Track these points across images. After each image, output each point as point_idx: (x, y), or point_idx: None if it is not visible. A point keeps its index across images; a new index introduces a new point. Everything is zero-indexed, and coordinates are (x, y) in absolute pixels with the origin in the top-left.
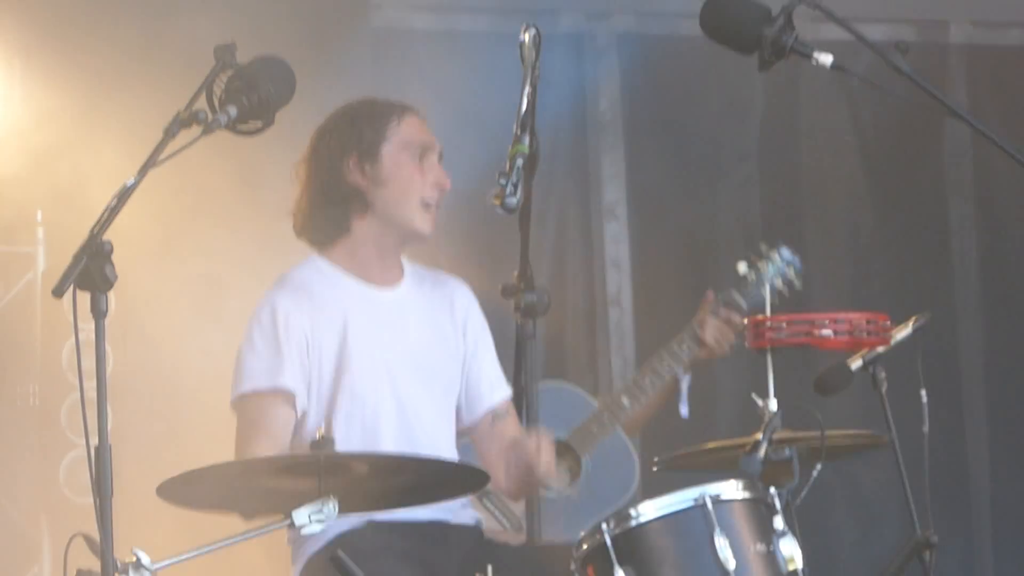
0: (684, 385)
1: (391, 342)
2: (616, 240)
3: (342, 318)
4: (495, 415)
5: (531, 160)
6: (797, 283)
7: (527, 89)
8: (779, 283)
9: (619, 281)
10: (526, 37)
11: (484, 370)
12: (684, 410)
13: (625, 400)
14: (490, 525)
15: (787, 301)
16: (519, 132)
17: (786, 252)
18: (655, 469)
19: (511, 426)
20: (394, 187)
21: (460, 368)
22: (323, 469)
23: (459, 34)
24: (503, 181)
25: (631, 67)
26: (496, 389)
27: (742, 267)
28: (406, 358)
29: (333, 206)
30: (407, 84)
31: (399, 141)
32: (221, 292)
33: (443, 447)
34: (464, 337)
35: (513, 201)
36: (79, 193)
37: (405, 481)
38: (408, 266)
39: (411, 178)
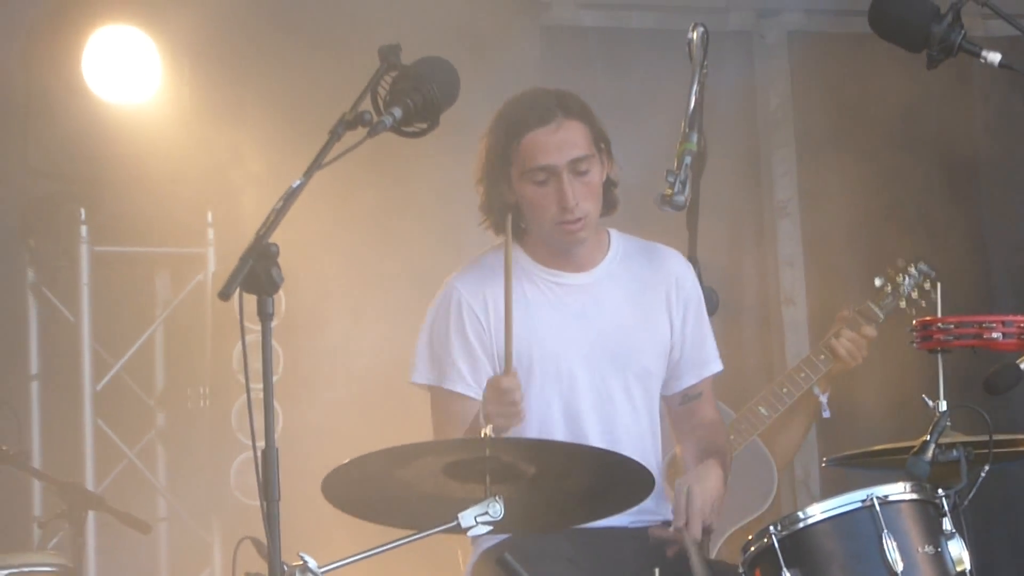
0: (824, 400)
1: (582, 329)
2: (789, 238)
3: (524, 306)
4: (685, 395)
5: (699, 158)
6: (934, 294)
7: (695, 87)
8: (915, 295)
9: (793, 279)
10: (694, 35)
11: (685, 348)
12: (826, 414)
13: (763, 409)
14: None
15: (971, 301)
16: (687, 130)
17: (923, 265)
18: (823, 465)
19: (701, 408)
20: (527, 210)
21: (667, 344)
22: (489, 467)
23: (628, 32)
24: (671, 179)
25: (801, 64)
26: (691, 370)
27: (878, 280)
28: (598, 344)
29: (502, 210)
30: (576, 82)
31: (518, 168)
32: (397, 295)
33: (643, 436)
34: (670, 313)
35: (681, 199)
36: (249, 194)
37: (574, 484)
38: (617, 241)
39: (535, 204)
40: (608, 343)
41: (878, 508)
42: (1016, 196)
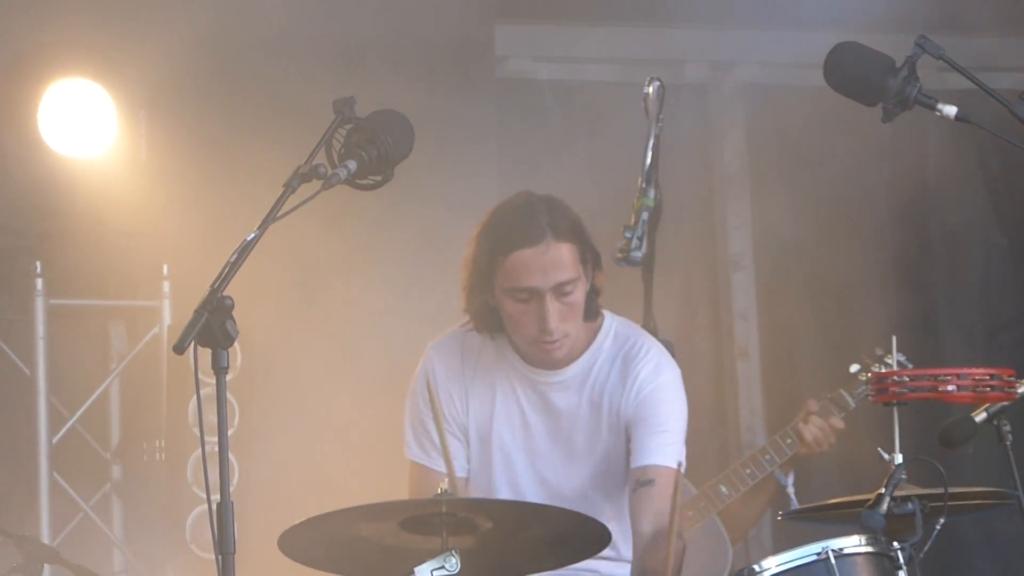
0: (789, 484)
1: (539, 423)
2: (743, 291)
3: (491, 389)
4: (637, 482)
5: (656, 212)
6: None
7: (651, 141)
8: None
9: (747, 332)
10: (650, 89)
11: (640, 440)
12: (794, 503)
13: (724, 488)
14: None
15: (923, 353)
16: (644, 185)
17: (901, 356)
18: (779, 519)
19: (651, 496)
20: (507, 322)
21: (622, 449)
22: (446, 521)
23: (584, 84)
24: (628, 235)
25: (756, 117)
26: (642, 458)
27: (854, 367)
28: (554, 438)
29: (485, 314)
30: (531, 135)
31: (502, 283)
32: (353, 350)
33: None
34: (622, 422)
35: (638, 255)
36: (205, 247)
37: (531, 536)
38: (603, 338)
39: (514, 320)
40: (567, 439)
41: (833, 561)
42: (968, 247)
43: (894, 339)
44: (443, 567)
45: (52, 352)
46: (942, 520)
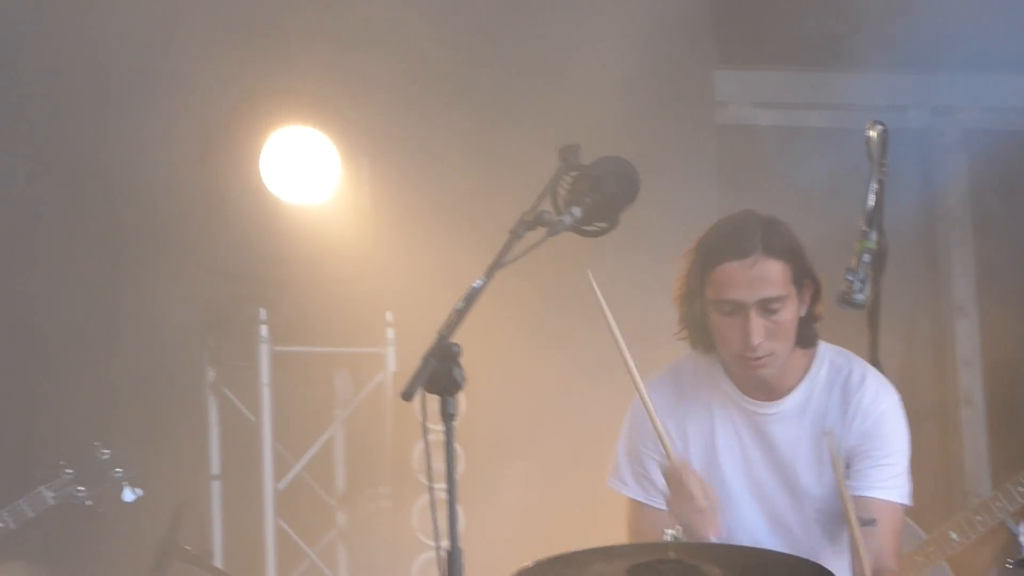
0: (1022, 533)
1: (760, 457)
2: (968, 337)
3: (709, 422)
4: (859, 518)
5: (880, 257)
6: None
7: (874, 185)
8: None
9: (971, 379)
10: (873, 133)
11: (861, 472)
12: None
13: (954, 535)
14: None
15: None
16: (866, 228)
17: None
18: (1008, 567)
19: (872, 535)
20: (715, 335)
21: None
22: (673, 568)
23: (805, 130)
24: (850, 277)
25: (979, 162)
26: (864, 491)
27: None
28: (777, 473)
29: (700, 329)
30: (752, 181)
31: (710, 296)
32: (574, 395)
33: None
34: (843, 444)
35: (861, 297)
36: (429, 293)
37: None
38: (819, 367)
39: (721, 333)
40: (786, 472)
41: None
42: None
43: None
44: None
45: (277, 399)
46: None
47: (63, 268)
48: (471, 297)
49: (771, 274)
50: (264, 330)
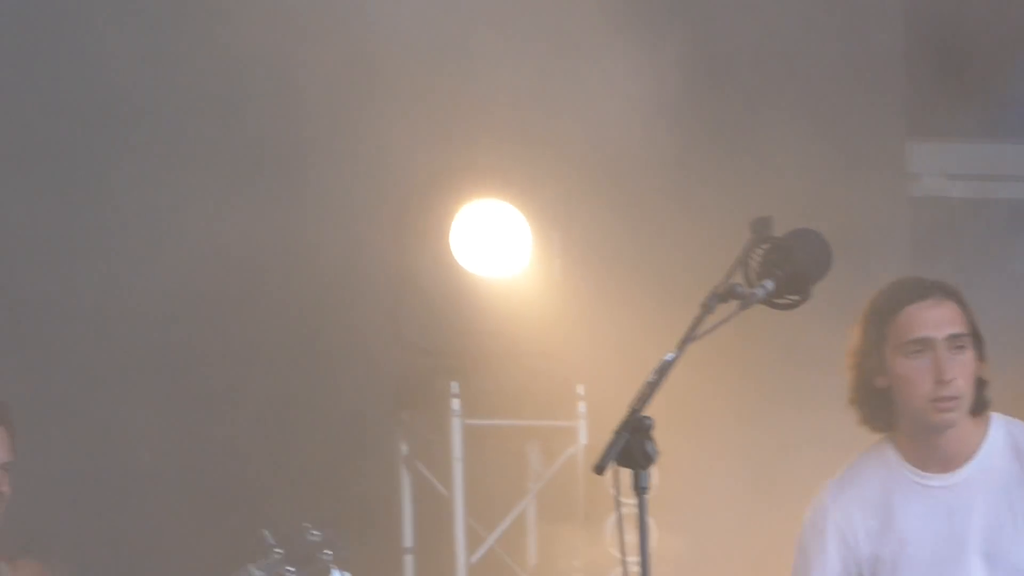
0: None
1: (950, 532)
2: None
3: (886, 510)
4: None
5: None
6: None
7: None
8: None
9: None
10: None
11: None
12: None
13: None
14: None
15: None
16: None
17: None
18: None
19: None
20: (899, 388)
21: None
22: None
23: (999, 202)
24: None
25: None
26: None
27: None
28: (968, 545)
29: (874, 400)
30: (944, 254)
31: (893, 343)
32: (767, 474)
33: None
34: None
35: None
36: (620, 366)
37: None
38: (996, 431)
39: (908, 379)
40: (977, 544)
41: None
42: None
43: None
44: None
45: (469, 472)
46: None
47: (256, 345)
48: (663, 370)
49: (952, 313)
50: (456, 404)
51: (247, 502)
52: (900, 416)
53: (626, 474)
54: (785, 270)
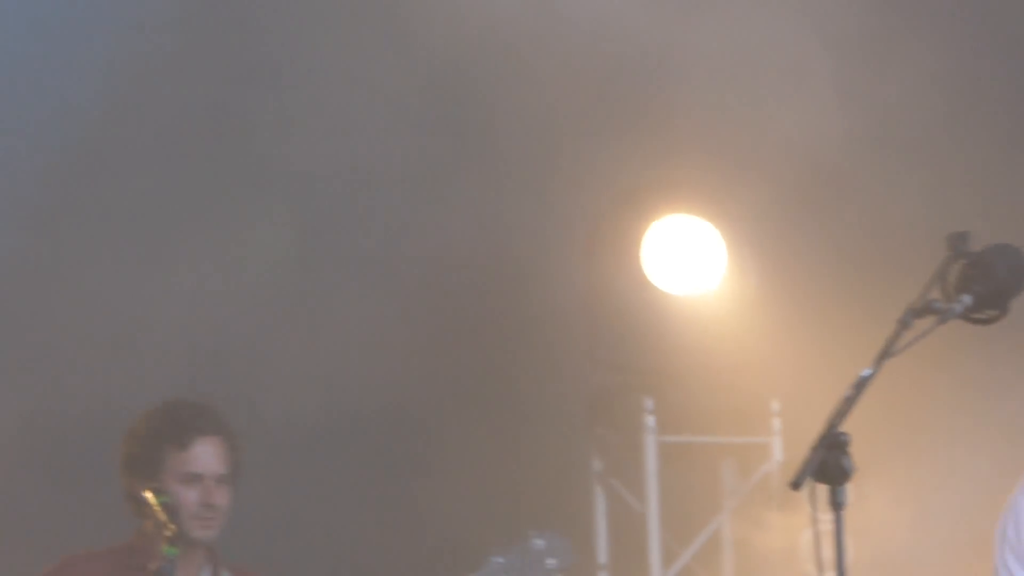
0: None
1: None
2: None
3: None
4: None
5: None
6: None
7: None
8: None
9: None
10: None
11: None
12: None
13: None
14: None
15: None
16: None
17: None
18: None
19: None
20: None
21: None
22: None
23: None
24: None
25: None
26: None
27: None
28: None
29: None
30: None
31: None
32: (966, 484)
33: None
34: None
35: None
36: (815, 382)
37: None
38: None
39: None
40: None
41: None
42: None
43: None
44: None
45: (663, 488)
46: None
47: (451, 364)
48: (859, 386)
49: None
50: (650, 420)
51: (442, 519)
52: None
53: (823, 490)
54: (984, 285)
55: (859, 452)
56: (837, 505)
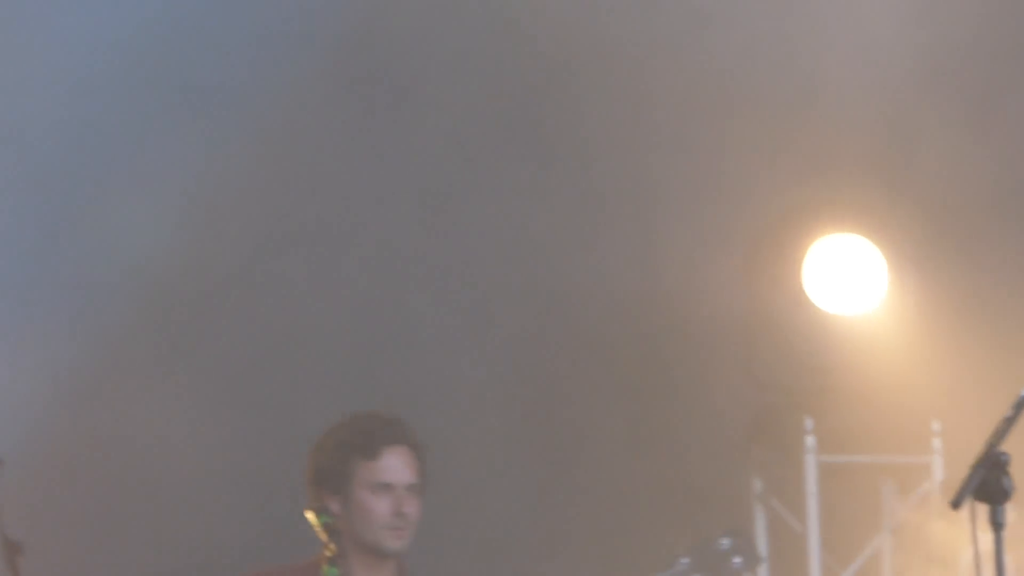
0: None
1: None
2: None
3: None
4: None
5: None
6: None
7: None
8: None
9: None
10: None
11: None
12: None
13: None
14: None
15: None
16: None
17: None
18: None
19: None
20: None
21: None
22: None
23: None
24: None
25: None
26: None
27: None
28: None
29: None
30: None
31: None
32: None
33: None
34: None
35: None
36: (977, 402)
37: None
38: None
39: None
40: None
41: None
42: None
43: None
44: None
45: (823, 508)
46: None
47: (609, 383)
48: (1020, 406)
49: None
50: (810, 440)
51: (607, 536)
52: None
53: (983, 509)
54: None
55: (1020, 472)
56: (997, 525)
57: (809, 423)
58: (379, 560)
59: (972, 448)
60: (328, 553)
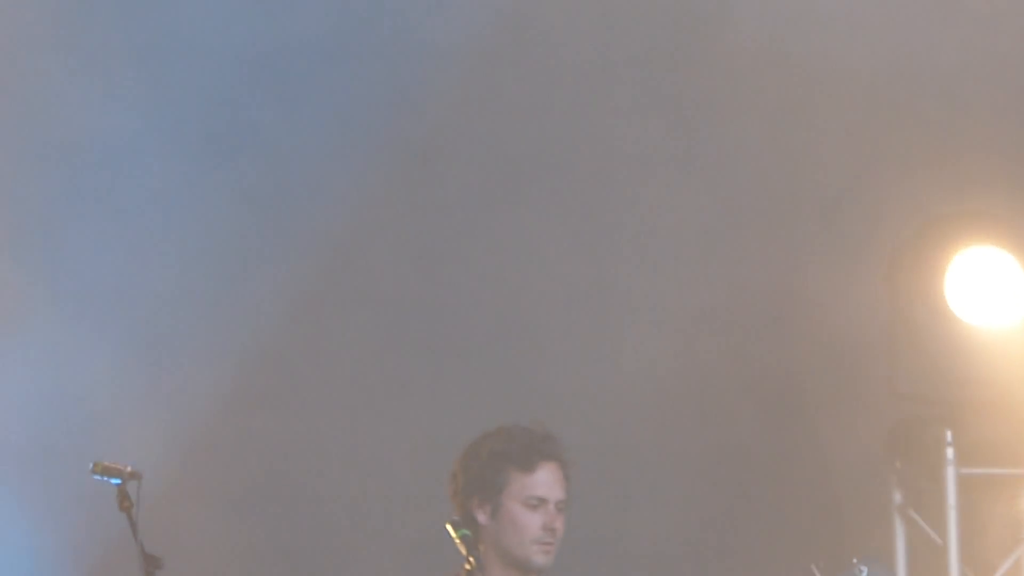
0: None
1: None
2: None
3: None
4: None
5: None
6: None
7: None
8: None
9: None
10: None
11: None
12: None
13: None
14: None
15: None
16: None
17: None
18: None
19: None
20: None
21: None
22: None
23: None
24: None
25: None
26: None
27: None
28: None
29: None
30: None
31: None
32: None
33: None
34: None
35: None
36: None
37: None
38: None
39: None
40: None
41: None
42: None
43: None
44: None
45: (964, 521)
46: None
47: (743, 396)
48: None
49: None
50: (950, 452)
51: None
52: None
53: None
54: None
55: None
56: None
57: (949, 435)
58: (522, 575)
59: None
60: (468, 567)
